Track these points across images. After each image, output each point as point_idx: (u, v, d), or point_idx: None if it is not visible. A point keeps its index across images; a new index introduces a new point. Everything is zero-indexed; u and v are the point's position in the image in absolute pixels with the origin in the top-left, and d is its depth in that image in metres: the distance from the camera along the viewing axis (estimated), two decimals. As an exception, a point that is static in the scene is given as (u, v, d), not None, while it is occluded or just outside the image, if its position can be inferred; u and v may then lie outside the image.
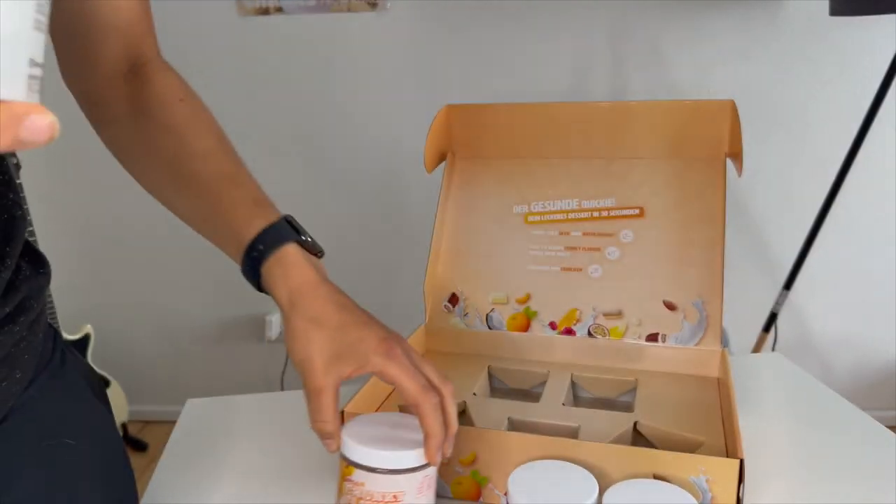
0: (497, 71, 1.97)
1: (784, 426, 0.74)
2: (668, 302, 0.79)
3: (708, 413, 0.69)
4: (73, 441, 0.52)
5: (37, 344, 0.50)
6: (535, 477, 0.54)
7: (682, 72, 1.93)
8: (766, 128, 1.93)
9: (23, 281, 0.48)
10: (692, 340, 0.78)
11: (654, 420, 0.67)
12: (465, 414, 0.71)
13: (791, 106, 1.94)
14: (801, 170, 1.96)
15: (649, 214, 0.82)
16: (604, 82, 1.96)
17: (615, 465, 0.57)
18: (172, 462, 0.70)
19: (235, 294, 2.03)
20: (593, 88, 1.95)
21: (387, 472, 0.49)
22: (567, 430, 0.66)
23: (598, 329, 0.81)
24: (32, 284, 0.49)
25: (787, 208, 1.99)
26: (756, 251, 2.04)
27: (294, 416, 0.77)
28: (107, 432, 0.58)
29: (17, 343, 0.47)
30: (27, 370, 0.49)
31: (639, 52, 1.93)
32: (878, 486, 0.62)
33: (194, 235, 0.59)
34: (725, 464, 0.54)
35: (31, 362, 0.50)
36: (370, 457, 0.50)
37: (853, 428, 0.73)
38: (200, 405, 0.82)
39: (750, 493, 0.61)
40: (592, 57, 1.94)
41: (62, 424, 0.52)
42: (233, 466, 0.69)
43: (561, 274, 0.83)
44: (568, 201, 0.85)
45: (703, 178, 0.82)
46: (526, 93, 1.94)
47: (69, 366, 0.56)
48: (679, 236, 0.81)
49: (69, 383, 0.55)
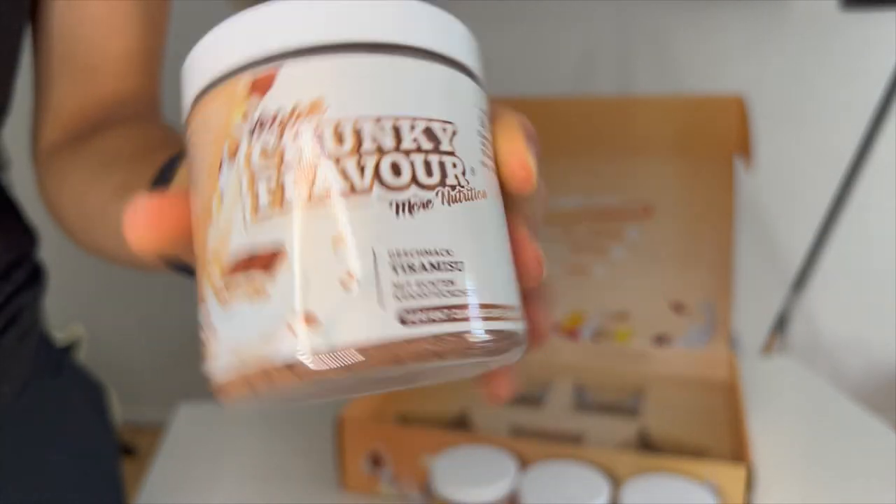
0: (499, 64, 1.95)
1: (793, 431, 0.72)
2: (676, 303, 0.78)
3: (716, 418, 0.67)
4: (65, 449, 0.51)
5: (27, 356, 0.49)
6: (545, 477, 0.54)
7: (690, 66, 1.91)
8: (776, 124, 1.91)
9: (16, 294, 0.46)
10: (700, 343, 0.76)
11: (660, 425, 0.66)
12: (467, 420, 0.69)
13: (802, 101, 1.92)
14: (813, 167, 1.94)
15: (656, 213, 0.80)
16: (609, 77, 1.94)
17: (621, 471, 0.56)
18: (165, 468, 0.69)
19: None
20: (598, 83, 1.94)
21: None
22: (572, 435, 0.65)
23: (604, 331, 0.79)
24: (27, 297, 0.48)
25: (799, 207, 1.97)
26: (766, 251, 2.02)
27: (290, 422, 0.75)
28: (100, 440, 0.57)
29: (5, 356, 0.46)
30: (15, 383, 0.48)
31: (645, 46, 1.91)
32: (891, 492, 0.61)
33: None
34: (733, 469, 0.53)
35: (20, 375, 0.48)
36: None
37: (864, 433, 0.71)
38: (194, 410, 0.80)
39: (758, 499, 0.60)
40: (598, 51, 1.93)
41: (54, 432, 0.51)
42: (227, 473, 0.67)
43: (565, 274, 0.82)
44: (572, 199, 0.83)
45: (711, 175, 0.80)
46: (528, 87, 1.93)
47: (64, 373, 0.55)
48: (687, 235, 0.79)
49: (63, 391, 0.54)
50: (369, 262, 0.18)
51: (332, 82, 0.19)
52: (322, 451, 0.69)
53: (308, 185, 0.19)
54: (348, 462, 0.63)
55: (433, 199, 0.20)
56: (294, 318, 0.18)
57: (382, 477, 0.62)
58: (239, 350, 0.19)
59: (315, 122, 0.19)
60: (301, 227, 0.19)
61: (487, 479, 0.54)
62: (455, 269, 0.19)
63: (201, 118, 0.21)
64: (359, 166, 0.19)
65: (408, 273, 0.19)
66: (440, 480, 0.54)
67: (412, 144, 0.20)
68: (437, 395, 0.73)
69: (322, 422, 0.73)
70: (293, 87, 0.19)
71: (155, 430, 1.46)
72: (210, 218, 0.20)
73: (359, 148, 0.19)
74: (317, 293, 0.18)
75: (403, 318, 0.18)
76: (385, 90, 0.20)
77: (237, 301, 0.19)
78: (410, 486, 0.61)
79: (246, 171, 0.19)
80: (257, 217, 0.19)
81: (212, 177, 0.20)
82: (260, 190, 0.19)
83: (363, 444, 0.62)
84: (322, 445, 0.70)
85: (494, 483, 0.53)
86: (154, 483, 0.67)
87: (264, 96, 0.20)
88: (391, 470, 0.61)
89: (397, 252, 0.19)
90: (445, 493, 0.54)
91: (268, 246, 0.19)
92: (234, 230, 0.20)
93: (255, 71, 0.20)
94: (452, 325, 0.19)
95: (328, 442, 0.70)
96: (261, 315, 0.19)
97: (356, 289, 0.18)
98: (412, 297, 0.19)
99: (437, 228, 0.19)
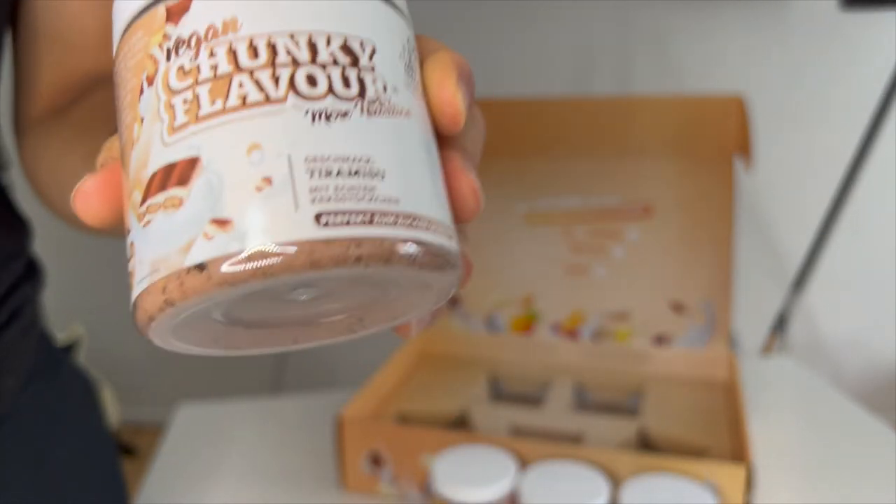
0: (499, 65, 1.95)
1: (793, 431, 0.72)
2: (676, 303, 0.78)
3: (716, 418, 0.67)
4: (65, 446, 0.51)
5: (29, 350, 0.49)
6: (545, 477, 0.54)
7: (690, 66, 1.91)
8: (776, 124, 1.91)
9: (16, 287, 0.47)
10: (700, 343, 0.76)
11: (660, 425, 0.66)
12: (467, 420, 0.69)
13: (802, 101, 1.91)
14: (813, 167, 1.94)
15: (656, 213, 0.80)
16: (609, 77, 1.94)
17: (621, 471, 0.56)
18: (165, 468, 0.69)
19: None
20: (597, 83, 1.93)
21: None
22: (572, 435, 0.65)
23: (604, 331, 0.79)
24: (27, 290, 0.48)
25: (798, 207, 1.96)
26: (766, 251, 2.02)
27: (291, 421, 0.75)
28: (99, 438, 0.57)
29: (9, 349, 0.46)
30: (18, 376, 0.48)
31: (645, 46, 1.91)
32: (891, 492, 0.60)
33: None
34: (733, 469, 0.53)
35: (22, 368, 0.49)
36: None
37: (863, 433, 0.71)
38: (194, 409, 0.80)
39: (757, 499, 0.60)
40: (597, 51, 1.92)
41: (54, 430, 0.51)
42: (227, 473, 0.67)
43: (565, 274, 0.82)
44: (571, 199, 0.83)
45: (711, 175, 0.80)
46: (528, 87, 1.92)
47: (63, 370, 0.55)
48: (687, 235, 0.79)
49: (62, 388, 0.54)
50: (284, 167, 0.18)
51: (244, 1, 0.20)
52: (322, 451, 0.69)
53: (223, 97, 0.19)
54: (348, 462, 0.62)
55: (351, 110, 0.20)
56: (209, 224, 0.18)
57: (382, 477, 0.62)
58: (155, 261, 0.19)
59: (229, 39, 0.19)
60: (216, 137, 0.19)
61: (487, 479, 0.54)
62: (376, 176, 0.19)
63: (124, 52, 0.22)
64: (273, 77, 0.19)
65: (324, 177, 0.19)
66: (440, 480, 0.54)
67: (328, 58, 0.20)
68: (437, 395, 0.73)
69: (322, 422, 0.73)
70: (208, 9, 0.20)
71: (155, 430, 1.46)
72: (132, 145, 0.20)
73: (273, 61, 0.19)
74: (231, 199, 0.18)
75: (320, 220, 0.18)
76: (298, 6, 0.20)
77: (155, 216, 0.19)
78: (410, 486, 0.61)
79: (164, 93, 0.20)
80: (174, 133, 0.19)
81: (133, 105, 0.21)
82: (177, 108, 0.19)
83: (363, 444, 0.62)
84: (322, 445, 0.69)
85: (494, 483, 0.53)
86: (154, 483, 0.67)
87: (180, 21, 0.20)
88: (391, 470, 0.61)
89: (313, 157, 0.19)
90: (445, 493, 0.54)
91: (184, 158, 0.19)
92: (152, 149, 0.20)
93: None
94: (373, 228, 0.19)
95: (328, 442, 0.70)
96: (177, 225, 0.19)
97: (271, 193, 0.18)
98: (329, 200, 0.18)
99: (355, 137, 0.19)
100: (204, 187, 0.18)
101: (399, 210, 0.19)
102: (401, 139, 0.20)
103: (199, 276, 0.18)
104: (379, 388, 0.70)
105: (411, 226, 0.19)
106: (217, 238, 0.18)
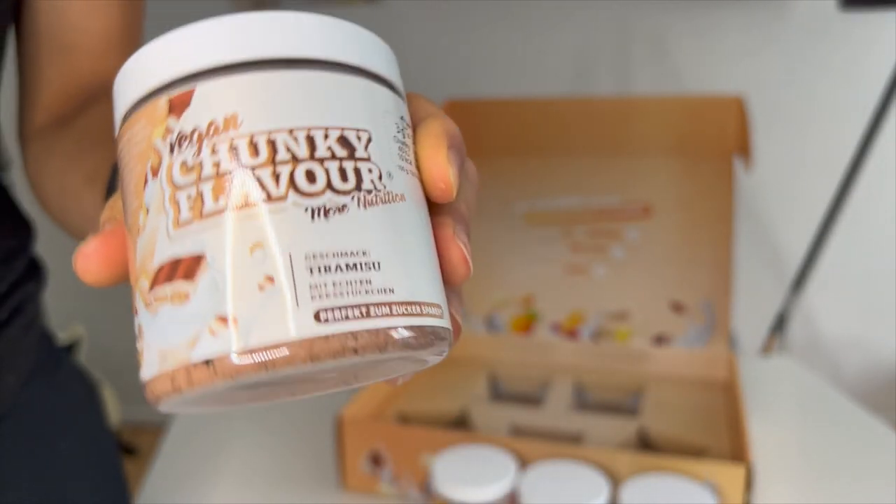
0: (498, 65, 1.95)
1: (793, 431, 0.72)
2: (675, 303, 0.78)
3: (715, 418, 0.67)
4: (66, 445, 0.51)
5: (30, 347, 0.50)
6: (545, 477, 0.54)
7: (690, 66, 1.91)
8: (776, 124, 1.91)
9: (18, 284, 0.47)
10: (699, 342, 0.76)
11: (660, 425, 0.66)
12: (467, 420, 0.69)
13: (801, 101, 1.91)
14: (812, 167, 1.94)
15: (655, 213, 0.80)
16: (609, 78, 1.94)
17: (620, 470, 0.56)
18: (166, 468, 0.69)
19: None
20: (597, 83, 1.93)
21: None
22: (571, 435, 0.65)
23: (604, 331, 0.79)
24: (29, 288, 0.48)
25: (798, 207, 1.96)
26: (765, 251, 2.02)
27: (291, 421, 0.75)
28: (100, 436, 0.57)
29: (11, 346, 0.46)
30: (20, 373, 0.48)
31: (645, 46, 1.91)
32: (891, 492, 0.60)
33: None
34: (733, 469, 0.53)
35: (24, 366, 0.49)
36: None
37: (863, 432, 0.71)
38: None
39: (757, 499, 0.60)
40: (597, 51, 1.92)
41: (55, 428, 0.51)
42: (227, 472, 0.67)
43: (564, 274, 0.82)
44: (571, 199, 0.83)
45: (710, 175, 0.80)
46: (528, 87, 1.92)
47: (63, 369, 0.55)
48: (686, 235, 0.79)
49: (63, 387, 0.54)
50: (285, 266, 0.19)
51: (244, 98, 0.20)
52: (322, 451, 0.69)
53: (225, 195, 0.20)
54: (348, 462, 0.63)
55: (349, 204, 0.20)
56: (214, 321, 0.19)
57: (382, 477, 0.62)
58: (163, 351, 0.20)
59: (230, 136, 0.20)
60: (219, 235, 0.19)
61: (487, 479, 0.54)
62: (372, 268, 0.20)
63: (127, 137, 0.22)
64: (273, 175, 0.20)
65: (324, 274, 0.19)
66: (440, 480, 0.54)
67: (326, 153, 0.20)
68: (437, 395, 0.73)
69: (322, 422, 0.73)
70: (208, 105, 0.20)
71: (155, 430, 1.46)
72: (138, 232, 0.21)
73: (273, 158, 0.20)
74: (235, 296, 0.19)
75: (319, 317, 0.19)
76: (297, 103, 0.20)
77: (162, 307, 0.20)
78: (410, 486, 0.61)
79: (168, 186, 0.20)
80: (179, 228, 0.20)
81: (138, 193, 0.21)
82: (181, 202, 0.20)
83: (363, 443, 0.62)
84: (322, 445, 0.70)
85: (494, 483, 0.53)
86: (155, 483, 0.67)
87: (182, 115, 0.20)
88: (391, 470, 0.61)
89: (313, 254, 0.19)
90: (445, 493, 0.54)
91: (189, 254, 0.20)
92: (158, 241, 0.21)
93: (172, 91, 0.21)
94: (369, 321, 0.20)
95: (328, 442, 0.70)
96: (183, 318, 0.20)
97: (273, 291, 0.19)
98: (328, 296, 0.19)
99: (352, 231, 0.20)
100: (209, 285, 0.19)
101: (394, 300, 0.20)
102: (396, 227, 0.21)
103: (206, 370, 0.19)
104: (379, 387, 0.70)
105: (405, 313, 0.20)
106: (221, 334, 0.19)
